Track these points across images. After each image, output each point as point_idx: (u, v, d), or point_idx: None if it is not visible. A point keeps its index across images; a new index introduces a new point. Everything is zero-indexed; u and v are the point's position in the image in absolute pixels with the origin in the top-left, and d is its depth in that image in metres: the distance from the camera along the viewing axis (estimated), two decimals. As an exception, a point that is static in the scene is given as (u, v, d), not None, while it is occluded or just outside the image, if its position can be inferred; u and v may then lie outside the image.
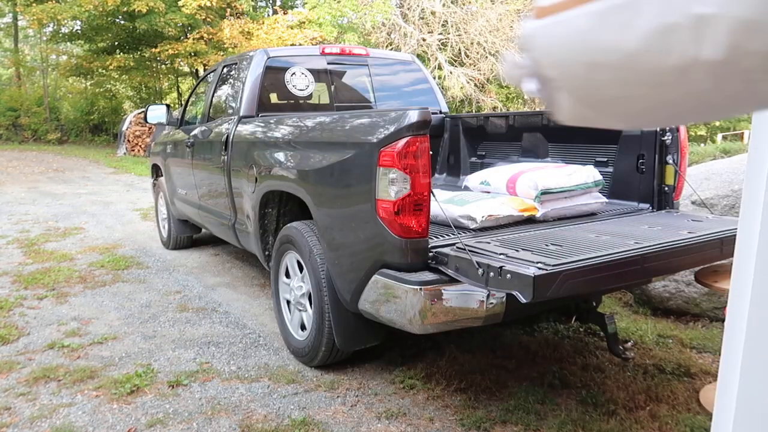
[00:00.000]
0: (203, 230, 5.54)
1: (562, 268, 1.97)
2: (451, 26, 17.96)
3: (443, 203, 2.72)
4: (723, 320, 2.68)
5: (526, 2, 17.59)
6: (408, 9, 17.80)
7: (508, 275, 1.97)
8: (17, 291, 4.48)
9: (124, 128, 18.90)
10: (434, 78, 10.46)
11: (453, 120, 4.66)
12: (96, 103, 24.57)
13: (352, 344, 2.95)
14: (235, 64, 4.50)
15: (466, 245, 2.27)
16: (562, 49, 0.67)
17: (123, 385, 2.91)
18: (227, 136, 3.96)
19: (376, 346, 3.04)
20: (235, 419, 2.62)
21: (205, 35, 18.97)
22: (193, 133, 4.79)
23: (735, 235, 0.98)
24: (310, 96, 4.39)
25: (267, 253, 3.66)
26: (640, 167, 3.19)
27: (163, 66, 22.93)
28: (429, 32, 17.98)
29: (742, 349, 0.94)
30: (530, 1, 17.57)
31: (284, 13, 19.48)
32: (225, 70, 4.70)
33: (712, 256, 2.57)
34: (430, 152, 2.36)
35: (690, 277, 3.66)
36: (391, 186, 2.33)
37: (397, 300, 2.33)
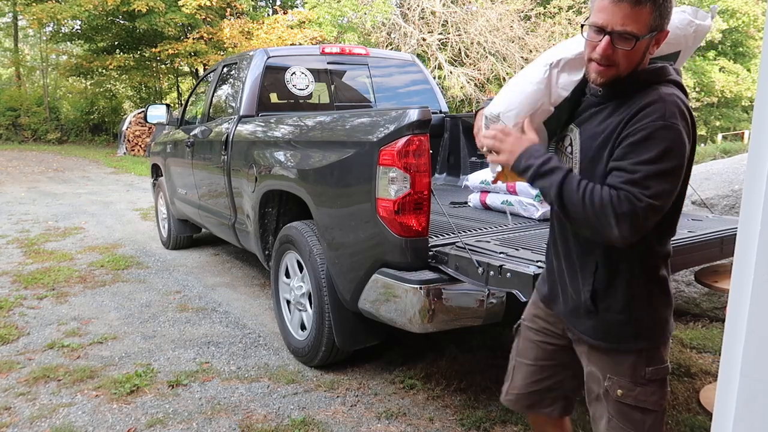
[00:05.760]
0: (203, 230, 5.54)
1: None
2: (451, 26, 17.94)
3: None
4: (723, 320, 2.68)
5: (526, 2, 17.58)
6: (408, 9, 17.78)
7: (509, 274, 1.98)
8: (17, 291, 4.48)
9: (124, 128, 18.89)
10: (434, 78, 10.46)
11: (453, 120, 4.66)
12: (96, 103, 24.53)
13: (352, 344, 2.95)
14: (235, 63, 4.50)
15: (466, 244, 2.27)
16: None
17: (123, 385, 2.91)
18: (227, 135, 3.96)
19: (376, 346, 3.04)
20: (235, 419, 2.62)
21: (205, 35, 18.96)
22: (193, 132, 4.79)
23: (735, 235, 0.98)
24: (310, 96, 4.39)
25: (267, 252, 3.66)
26: None
27: (163, 66, 22.89)
28: (429, 32, 17.97)
29: (742, 349, 0.94)
30: (530, 1, 17.56)
31: (284, 13, 19.48)
32: (225, 69, 4.70)
33: (712, 255, 2.58)
34: (430, 151, 2.36)
35: (690, 277, 3.66)
36: (391, 185, 2.33)
37: (397, 299, 2.33)
